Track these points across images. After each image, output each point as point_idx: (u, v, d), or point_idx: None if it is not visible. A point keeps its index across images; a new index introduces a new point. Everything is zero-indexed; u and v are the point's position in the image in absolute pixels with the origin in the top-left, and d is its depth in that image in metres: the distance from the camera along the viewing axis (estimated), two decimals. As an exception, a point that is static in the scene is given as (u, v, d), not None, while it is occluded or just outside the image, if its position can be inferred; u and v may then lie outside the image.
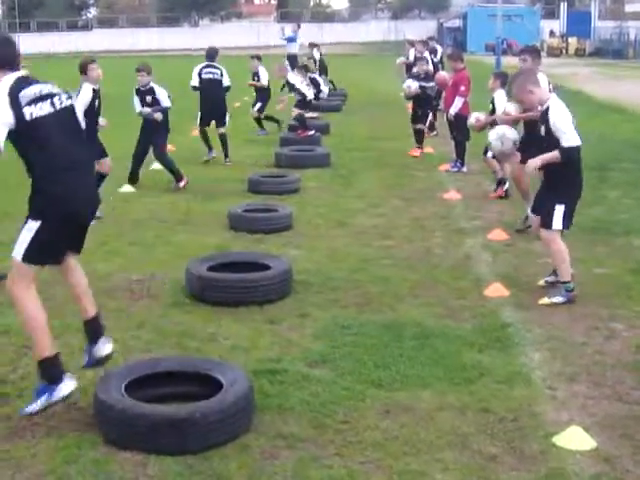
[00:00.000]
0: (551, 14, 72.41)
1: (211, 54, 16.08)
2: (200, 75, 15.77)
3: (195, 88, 15.82)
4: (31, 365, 6.23)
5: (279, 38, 23.86)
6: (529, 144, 9.17)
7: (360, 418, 5.45)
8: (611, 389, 5.90)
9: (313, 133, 18.02)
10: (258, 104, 19.88)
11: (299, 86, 18.56)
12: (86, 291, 5.71)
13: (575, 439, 5.10)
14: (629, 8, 76.20)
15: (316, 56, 27.33)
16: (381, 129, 20.64)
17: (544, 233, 7.75)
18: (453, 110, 14.52)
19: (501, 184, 12.31)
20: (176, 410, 5.12)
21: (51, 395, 5.34)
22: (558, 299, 7.69)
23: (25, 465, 4.91)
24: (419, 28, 67.75)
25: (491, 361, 6.37)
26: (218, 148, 15.90)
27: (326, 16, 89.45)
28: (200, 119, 15.84)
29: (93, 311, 5.70)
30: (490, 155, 11.77)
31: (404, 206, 12.00)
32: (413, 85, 16.62)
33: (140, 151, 13.39)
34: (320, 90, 22.75)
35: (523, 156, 9.42)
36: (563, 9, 68.38)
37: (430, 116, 18.45)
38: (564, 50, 60.65)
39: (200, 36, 72.96)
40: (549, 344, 6.74)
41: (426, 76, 16.73)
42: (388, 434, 5.24)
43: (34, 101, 5.18)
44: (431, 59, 21.04)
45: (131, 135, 13.71)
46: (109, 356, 5.75)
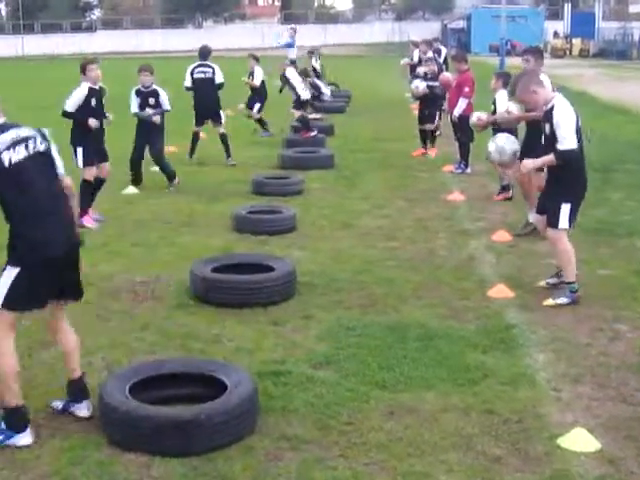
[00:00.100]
0: (555, 15, 72.36)
1: (203, 53, 16.03)
2: (192, 75, 15.77)
3: (188, 88, 15.81)
4: (36, 367, 6.26)
5: (275, 44, 23.58)
6: (531, 146, 9.15)
7: (364, 419, 5.45)
8: (615, 390, 5.90)
9: (315, 134, 18.00)
10: (257, 105, 19.86)
11: (294, 83, 18.58)
12: (74, 352, 5.63)
13: (580, 441, 5.10)
14: (633, 9, 76.08)
15: (316, 65, 27.26)
16: (385, 130, 20.62)
17: (551, 232, 7.74)
18: (457, 111, 14.50)
19: (505, 189, 12.29)
20: (180, 412, 5.12)
21: (6, 439, 5.18)
22: (562, 300, 7.68)
23: (30, 466, 4.92)
24: (423, 29, 67.68)
25: (495, 362, 6.36)
26: (214, 149, 15.94)
27: (330, 17, 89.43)
28: (195, 119, 15.84)
29: (79, 372, 5.64)
30: None
31: (408, 207, 12.00)
32: (421, 85, 16.61)
33: (137, 156, 13.40)
34: (322, 92, 22.76)
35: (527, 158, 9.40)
36: (567, 10, 68.34)
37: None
38: (568, 51, 60.62)
39: (204, 37, 72.69)
40: (553, 345, 6.74)
41: (434, 76, 16.72)
42: (392, 435, 5.25)
43: (11, 146, 5.09)
44: (435, 60, 21.00)
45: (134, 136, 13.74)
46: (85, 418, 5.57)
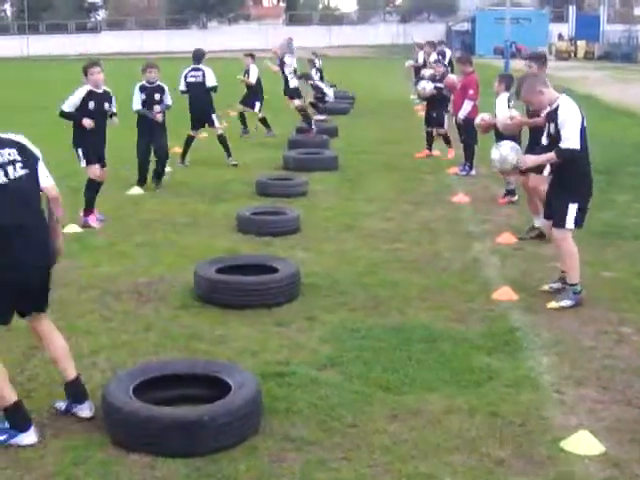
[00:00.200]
0: (560, 17, 72.38)
1: (197, 56, 15.95)
2: (186, 79, 15.72)
3: (183, 92, 15.76)
4: (39, 367, 6.26)
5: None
6: (535, 151, 9.14)
7: (368, 421, 5.44)
8: (620, 393, 5.89)
9: (314, 132, 18.13)
10: (257, 104, 19.87)
11: (286, 69, 18.77)
12: (63, 355, 5.58)
13: (584, 443, 5.08)
14: (638, 12, 76.09)
15: (319, 66, 27.25)
16: (389, 132, 20.62)
17: (556, 232, 7.72)
18: (462, 114, 14.50)
19: (511, 194, 12.27)
20: (184, 412, 5.12)
21: (10, 439, 5.17)
22: (566, 302, 7.67)
23: (33, 466, 4.92)
24: (427, 31, 67.68)
25: (499, 365, 6.35)
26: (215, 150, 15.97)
27: (334, 19, 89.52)
28: (191, 123, 15.80)
29: (73, 374, 5.60)
30: None
31: (413, 209, 11.99)
32: (428, 86, 16.64)
33: (143, 155, 13.40)
34: (325, 94, 22.72)
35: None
36: (572, 12, 68.36)
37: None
38: (573, 53, 60.63)
39: (208, 38, 73.06)
40: (558, 348, 6.72)
41: (441, 77, 16.73)
42: (396, 437, 5.24)
43: None
44: (436, 60, 20.99)
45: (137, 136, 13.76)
46: (87, 419, 5.54)
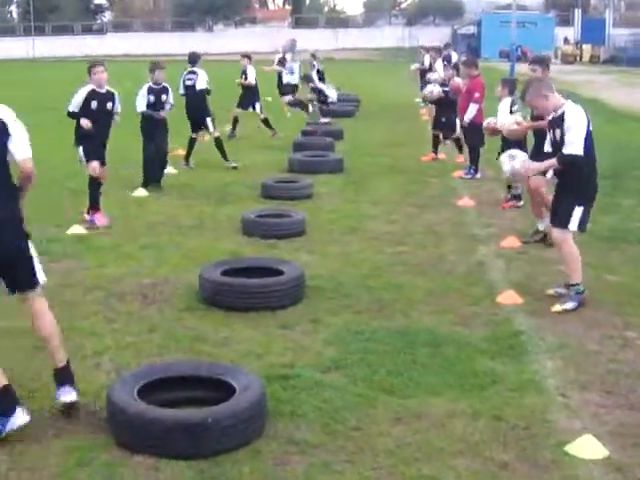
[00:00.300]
0: (565, 21, 72.37)
1: (192, 59, 16.06)
2: (184, 82, 15.88)
3: (182, 95, 15.87)
4: (41, 367, 6.25)
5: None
6: (540, 156, 9.14)
7: (372, 424, 5.44)
8: (624, 398, 5.88)
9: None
10: (257, 104, 19.95)
11: (283, 67, 19.03)
12: (51, 337, 5.56)
13: (587, 448, 5.07)
14: (644, 15, 76.02)
15: (320, 68, 27.32)
16: (395, 135, 20.63)
17: (557, 233, 7.70)
18: (467, 117, 14.50)
19: (516, 199, 12.26)
20: (189, 415, 5.12)
21: (3, 426, 5.19)
22: (569, 305, 7.66)
23: (37, 467, 4.92)
24: (433, 34, 67.81)
25: (503, 368, 6.35)
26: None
27: (340, 21, 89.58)
28: (190, 125, 15.91)
29: (61, 362, 5.57)
30: None
31: (417, 212, 11.99)
32: (435, 89, 16.67)
33: (149, 155, 13.43)
34: (327, 96, 22.74)
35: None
36: (577, 16, 68.34)
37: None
38: (578, 57, 60.61)
39: (214, 41, 73.23)
40: (562, 352, 6.72)
41: (448, 81, 16.75)
42: (400, 441, 5.23)
43: None
44: (444, 66, 21.01)
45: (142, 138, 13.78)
46: (68, 405, 5.54)
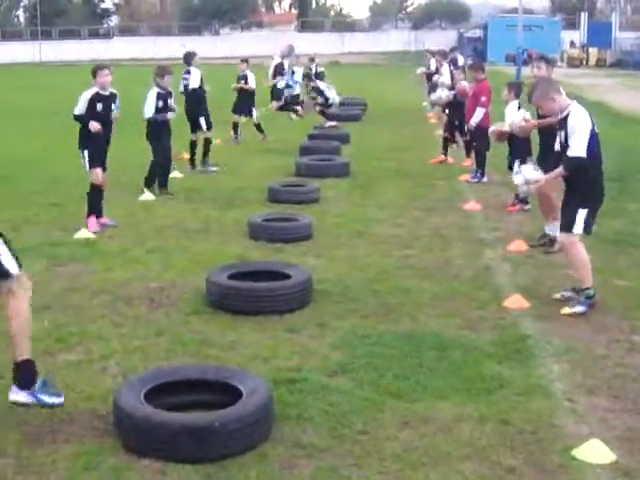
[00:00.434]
0: (572, 25, 72.30)
1: (186, 58, 16.02)
2: (182, 81, 15.91)
3: (181, 93, 15.90)
4: (51, 372, 6.27)
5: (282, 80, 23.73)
6: (545, 155, 9.14)
7: (379, 429, 5.44)
8: (632, 402, 5.87)
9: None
10: (254, 110, 20.00)
11: (287, 75, 19.23)
12: (15, 331, 5.53)
13: (595, 452, 5.07)
14: (650, 19, 75.97)
15: (317, 70, 27.44)
16: (401, 139, 20.62)
17: (564, 237, 7.70)
18: (474, 121, 14.49)
19: (523, 202, 12.24)
20: (195, 418, 5.13)
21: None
22: (579, 309, 7.65)
23: (45, 471, 4.92)
24: (439, 38, 67.82)
25: (510, 373, 6.34)
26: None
27: (346, 25, 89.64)
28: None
29: (19, 357, 5.59)
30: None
31: (424, 216, 11.98)
32: (444, 94, 16.71)
33: (159, 161, 13.41)
34: (327, 97, 22.71)
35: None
36: (584, 20, 68.27)
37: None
38: (584, 61, 60.53)
39: (220, 45, 73.30)
40: (569, 356, 6.71)
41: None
42: (407, 445, 5.23)
43: None
44: (450, 70, 20.99)
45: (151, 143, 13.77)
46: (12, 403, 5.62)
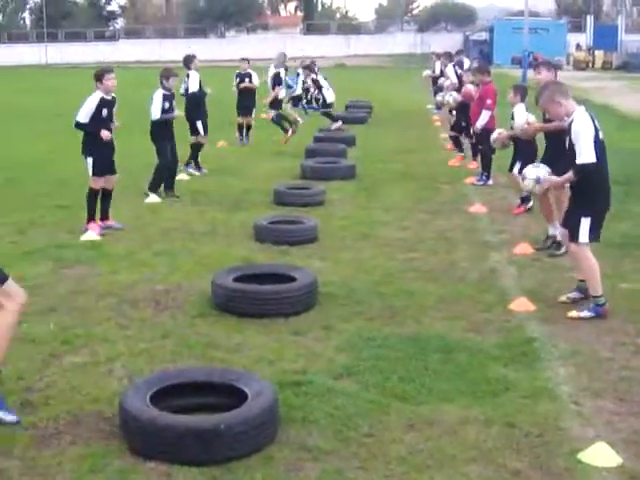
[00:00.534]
0: (577, 27, 72.32)
1: (185, 62, 16.03)
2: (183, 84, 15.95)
3: (182, 95, 15.93)
4: (57, 374, 6.29)
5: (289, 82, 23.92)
6: (551, 158, 9.12)
7: (384, 431, 5.44)
8: (637, 405, 5.85)
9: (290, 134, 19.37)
10: (254, 110, 20.11)
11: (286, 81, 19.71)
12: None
13: (601, 455, 5.06)
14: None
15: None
16: (407, 141, 20.63)
17: (573, 247, 7.72)
18: (479, 124, 14.48)
19: (525, 202, 12.26)
20: (201, 421, 5.13)
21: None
22: (586, 314, 7.63)
23: (51, 473, 4.93)
24: (445, 41, 67.89)
25: (516, 375, 6.34)
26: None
27: (352, 28, 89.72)
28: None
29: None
30: (515, 172, 11.71)
31: (429, 219, 11.98)
32: (452, 98, 16.74)
33: (166, 163, 13.42)
34: (325, 98, 22.74)
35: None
36: (589, 22, 68.22)
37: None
38: (590, 63, 60.50)
39: (226, 47, 73.41)
40: (575, 359, 6.70)
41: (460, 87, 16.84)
42: (412, 448, 5.23)
43: None
44: (455, 72, 21.00)
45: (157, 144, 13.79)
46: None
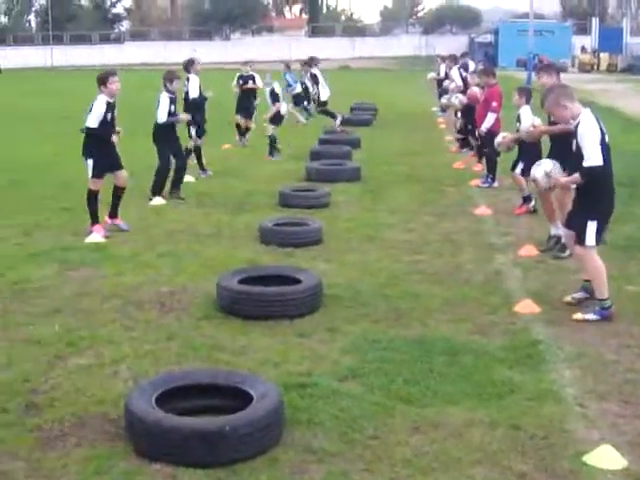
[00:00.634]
0: (582, 30, 72.23)
1: (185, 66, 15.98)
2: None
3: (183, 99, 15.83)
4: (62, 376, 6.30)
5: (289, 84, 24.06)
6: (555, 160, 9.11)
7: (389, 433, 5.44)
8: (643, 408, 5.86)
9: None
10: (255, 111, 20.12)
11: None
12: None
13: (606, 458, 5.05)
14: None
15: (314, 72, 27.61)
16: (412, 143, 20.62)
17: (579, 250, 7.71)
18: (485, 126, 14.50)
19: (526, 201, 12.26)
20: (206, 423, 5.13)
21: None
22: (591, 316, 7.62)
23: (56, 475, 4.94)
24: (450, 43, 67.79)
25: (521, 378, 6.33)
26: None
27: (357, 30, 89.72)
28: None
29: None
30: (518, 172, 11.72)
31: (435, 221, 11.98)
32: (457, 100, 16.77)
33: (167, 165, 13.40)
34: (318, 93, 22.74)
35: None
36: (595, 25, 68.17)
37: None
38: (596, 66, 60.47)
39: (231, 50, 73.43)
40: (580, 361, 6.69)
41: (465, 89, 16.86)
42: (417, 450, 5.23)
43: None
44: (460, 74, 20.99)
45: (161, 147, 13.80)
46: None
